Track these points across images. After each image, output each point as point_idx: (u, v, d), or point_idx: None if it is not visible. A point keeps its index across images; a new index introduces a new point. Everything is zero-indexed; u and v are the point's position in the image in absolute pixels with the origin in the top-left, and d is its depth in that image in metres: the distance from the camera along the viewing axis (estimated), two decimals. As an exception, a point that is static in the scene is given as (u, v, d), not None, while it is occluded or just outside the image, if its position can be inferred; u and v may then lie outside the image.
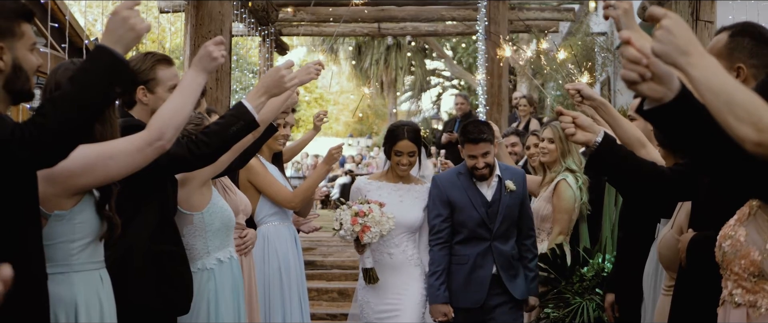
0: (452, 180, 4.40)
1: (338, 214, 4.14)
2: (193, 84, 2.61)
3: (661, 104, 1.72)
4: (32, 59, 2.23)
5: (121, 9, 2.21)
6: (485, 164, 4.26)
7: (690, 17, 5.37)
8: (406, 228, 4.36)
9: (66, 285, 2.40)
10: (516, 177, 4.44)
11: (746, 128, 1.61)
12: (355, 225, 4.07)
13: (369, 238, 4.07)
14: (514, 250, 4.43)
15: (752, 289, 2.05)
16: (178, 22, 7.38)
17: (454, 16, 11.30)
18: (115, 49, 2.16)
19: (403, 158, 4.31)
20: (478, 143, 4.23)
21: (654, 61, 1.65)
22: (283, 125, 4.76)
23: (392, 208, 4.22)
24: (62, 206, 2.38)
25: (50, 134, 2.04)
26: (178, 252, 3.05)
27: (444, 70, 26.96)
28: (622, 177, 2.58)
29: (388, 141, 4.37)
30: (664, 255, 3.08)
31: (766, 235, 1.95)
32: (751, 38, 2.42)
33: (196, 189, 3.31)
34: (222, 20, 5.11)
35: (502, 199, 4.36)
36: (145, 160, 2.44)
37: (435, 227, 4.35)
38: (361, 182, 4.50)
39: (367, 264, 4.24)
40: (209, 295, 3.34)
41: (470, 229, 4.34)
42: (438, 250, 4.33)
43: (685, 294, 2.57)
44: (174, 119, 2.48)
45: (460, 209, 4.33)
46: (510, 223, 4.39)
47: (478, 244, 4.35)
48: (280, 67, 3.06)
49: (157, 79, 3.10)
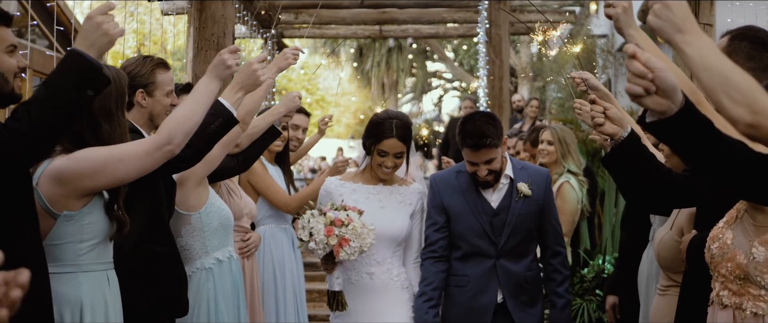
0: (449, 181, 3.60)
1: (307, 221, 3.31)
2: (207, 91, 2.64)
3: (665, 117, 1.72)
4: (9, 61, 2.26)
5: (95, 14, 2.23)
6: (488, 171, 3.45)
7: (690, 20, 5.37)
8: (389, 241, 3.50)
9: (72, 285, 2.43)
10: (536, 179, 3.57)
11: (740, 109, 1.61)
12: (330, 237, 3.25)
13: (346, 254, 3.26)
14: (529, 271, 3.55)
15: (738, 292, 2.08)
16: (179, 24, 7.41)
17: (456, 18, 11.32)
18: (88, 54, 2.19)
19: (388, 160, 3.48)
20: (479, 151, 3.39)
21: (659, 75, 1.66)
22: (293, 128, 4.79)
23: (371, 216, 3.39)
24: (71, 207, 2.41)
25: (23, 138, 2.08)
26: (169, 254, 3.04)
27: (445, 73, 26.97)
28: (637, 176, 2.58)
29: (372, 136, 3.49)
30: (663, 256, 3.11)
31: (751, 239, 1.98)
32: (749, 42, 2.45)
33: (193, 190, 3.32)
34: (225, 23, 5.13)
35: (512, 206, 3.50)
36: (154, 164, 2.47)
37: (428, 237, 3.57)
38: (331, 183, 3.60)
39: (336, 287, 3.41)
40: (208, 295, 3.35)
41: (470, 243, 3.52)
42: (430, 265, 3.51)
43: (690, 294, 2.60)
44: (185, 124, 2.51)
45: (458, 218, 3.53)
46: (522, 237, 3.52)
47: (481, 262, 3.51)
48: (252, 62, 3.01)
49: (156, 82, 3.11)
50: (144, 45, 7.91)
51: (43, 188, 2.39)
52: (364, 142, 3.56)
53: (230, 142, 3.28)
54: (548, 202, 3.58)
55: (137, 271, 2.81)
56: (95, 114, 2.48)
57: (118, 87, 2.57)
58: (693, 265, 2.61)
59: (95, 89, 2.21)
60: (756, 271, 2.05)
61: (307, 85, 22.03)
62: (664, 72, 1.66)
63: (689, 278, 2.66)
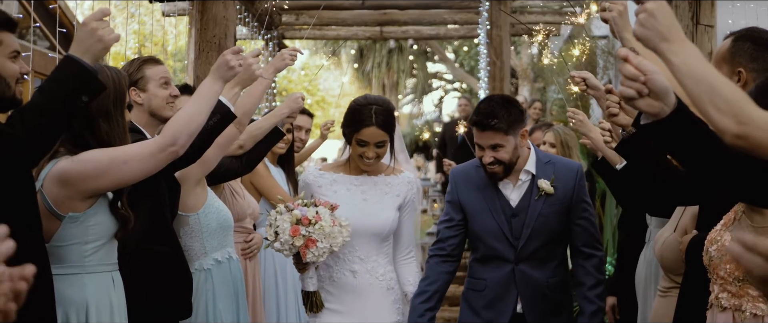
0: (468, 175, 3.28)
1: (273, 218, 3.03)
2: (210, 92, 2.65)
3: (658, 119, 1.73)
4: (12, 67, 2.29)
5: (89, 20, 2.25)
6: (494, 159, 3.10)
7: (690, 21, 5.39)
8: (372, 236, 3.17)
9: (78, 287, 2.44)
10: (563, 174, 3.19)
11: (726, 119, 1.60)
12: (295, 237, 2.95)
13: (313, 256, 2.98)
14: (553, 277, 3.18)
15: (737, 293, 2.09)
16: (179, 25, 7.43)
17: (456, 19, 11.32)
18: (83, 60, 2.21)
19: (369, 150, 3.14)
20: (483, 131, 3.09)
21: (651, 78, 1.68)
22: (296, 129, 4.80)
23: (353, 209, 3.12)
24: (76, 209, 2.43)
25: (17, 143, 2.10)
26: (173, 254, 3.05)
27: (446, 74, 26.97)
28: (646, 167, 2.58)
29: (350, 124, 3.17)
30: (666, 257, 3.10)
31: (750, 240, 1.98)
32: (752, 43, 2.46)
33: (191, 191, 3.32)
34: (226, 25, 5.14)
35: (532, 206, 3.16)
36: (158, 165, 2.49)
37: (440, 233, 3.32)
38: (310, 174, 3.30)
39: (310, 287, 3.15)
40: (207, 295, 3.35)
41: (487, 245, 3.20)
42: (435, 263, 3.25)
43: (689, 296, 2.60)
44: (189, 125, 2.52)
45: (475, 216, 3.22)
46: (545, 240, 3.16)
47: (499, 267, 3.18)
48: (247, 57, 3.00)
49: (145, 77, 3.14)
50: (145, 46, 7.90)
51: (47, 190, 2.40)
52: (343, 130, 3.24)
53: (227, 143, 3.29)
54: (579, 199, 3.18)
55: (139, 271, 2.82)
56: (93, 114, 2.49)
57: (117, 87, 2.58)
58: (692, 267, 2.61)
59: (90, 94, 2.23)
60: None
61: (307, 86, 22.03)
62: (656, 75, 1.67)
63: (688, 280, 2.66)
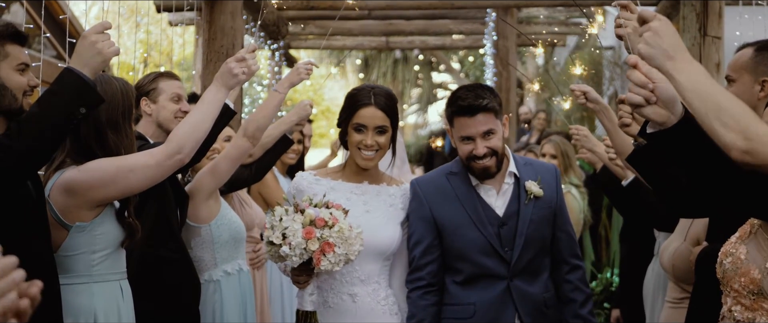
0: (439, 185, 2.81)
1: (277, 218, 2.56)
2: (214, 100, 2.65)
3: (665, 127, 1.73)
4: (19, 79, 2.31)
5: (90, 33, 2.27)
6: (487, 149, 2.69)
7: (698, 33, 5.39)
8: (376, 255, 2.74)
9: (86, 296, 2.44)
10: (544, 176, 2.85)
11: (733, 135, 1.60)
12: (309, 241, 2.49)
13: (329, 263, 2.51)
14: (548, 292, 2.80)
15: (751, 307, 2.08)
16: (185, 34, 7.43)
17: (462, 30, 11.33)
18: (83, 72, 2.22)
19: (368, 137, 2.70)
20: (474, 115, 2.66)
21: (659, 86, 1.68)
22: (297, 139, 4.82)
23: (354, 222, 2.61)
24: (83, 218, 2.43)
25: (15, 154, 2.12)
26: (178, 260, 3.05)
27: (451, 84, 27.01)
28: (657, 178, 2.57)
29: (346, 109, 2.77)
30: (678, 267, 3.09)
31: (766, 253, 1.97)
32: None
33: (203, 202, 3.33)
34: (234, 35, 5.15)
35: (522, 211, 2.77)
36: (164, 173, 2.49)
37: (414, 261, 2.78)
38: (304, 179, 2.82)
39: (308, 306, 2.66)
40: (214, 306, 3.36)
41: (474, 262, 2.76)
42: (417, 298, 2.74)
43: (699, 308, 2.59)
44: (194, 133, 2.53)
45: (455, 232, 2.76)
46: (538, 248, 2.79)
47: (490, 286, 2.74)
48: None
49: (158, 89, 3.22)
50: (150, 55, 7.92)
51: (54, 199, 2.41)
52: (338, 123, 2.82)
53: (240, 156, 3.31)
54: (561, 204, 2.86)
55: (142, 275, 2.82)
56: (102, 125, 2.50)
57: (125, 99, 2.60)
58: (702, 278, 2.60)
59: (88, 106, 2.24)
60: None
61: (312, 95, 22.09)
62: (664, 83, 1.68)
63: (698, 291, 2.65)
